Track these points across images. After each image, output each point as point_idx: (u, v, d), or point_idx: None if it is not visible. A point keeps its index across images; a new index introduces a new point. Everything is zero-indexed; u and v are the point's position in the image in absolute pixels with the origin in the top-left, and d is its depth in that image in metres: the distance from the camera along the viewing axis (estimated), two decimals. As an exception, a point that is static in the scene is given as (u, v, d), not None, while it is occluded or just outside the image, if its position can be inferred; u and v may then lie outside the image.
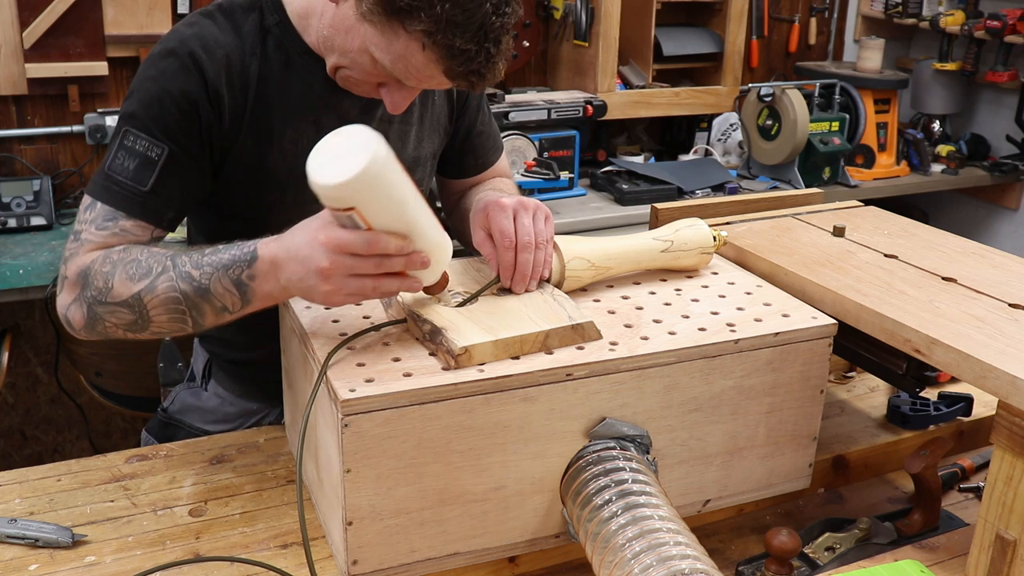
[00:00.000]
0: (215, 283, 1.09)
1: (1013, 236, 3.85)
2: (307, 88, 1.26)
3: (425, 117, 1.41)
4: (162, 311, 1.11)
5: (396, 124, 1.36)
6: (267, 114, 1.25)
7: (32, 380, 2.98)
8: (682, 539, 0.90)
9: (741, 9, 3.42)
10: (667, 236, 1.24)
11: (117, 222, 1.17)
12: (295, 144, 1.26)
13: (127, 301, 1.11)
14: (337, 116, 1.27)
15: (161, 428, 1.53)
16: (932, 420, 1.37)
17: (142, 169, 1.18)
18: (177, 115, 1.18)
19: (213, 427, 1.51)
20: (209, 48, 1.20)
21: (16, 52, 2.64)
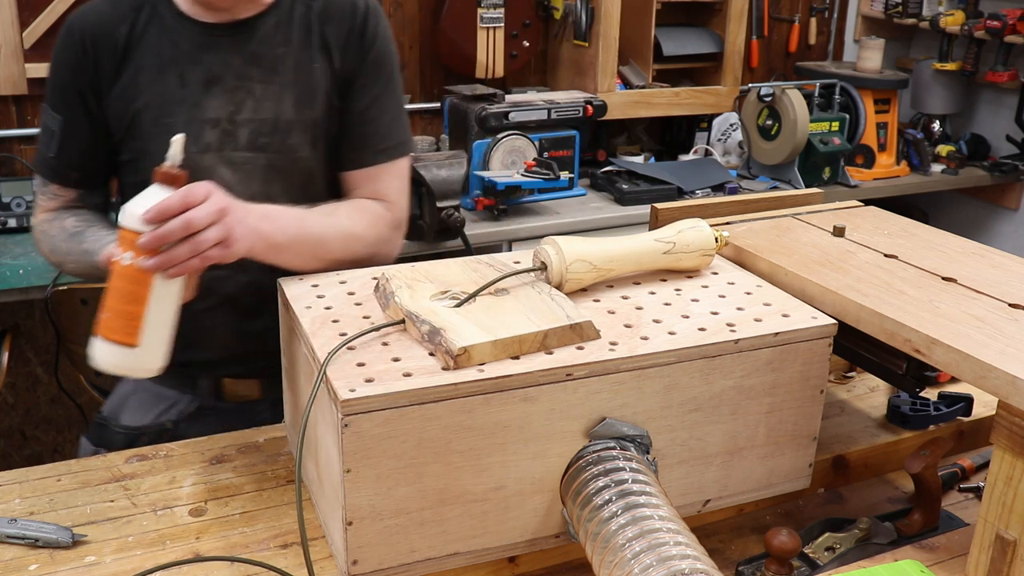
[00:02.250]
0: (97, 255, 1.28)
1: (1013, 236, 3.85)
2: (175, 46, 1.39)
3: (298, 82, 1.41)
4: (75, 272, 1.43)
5: (259, 83, 1.39)
6: (132, 71, 1.39)
7: (32, 380, 2.98)
8: (682, 539, 0.90)
9: (741, 9, 3.42)
10: (669, 237, 1.24)
11: (48, 186, 1.45)
12: (160, 97, 1.38)
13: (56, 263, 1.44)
14: (202, 70, 1.39)
15: (97, 431, 1.55)
16: (932, 420, 1.37)
17: (49, 139, 1.42)
18: (65, 87, 1.40)
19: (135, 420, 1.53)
20: (83, 19, 1.39)
21: (16, 52, 2.64)
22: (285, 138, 1.41)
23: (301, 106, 1.42)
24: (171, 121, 1.37)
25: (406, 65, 3.28)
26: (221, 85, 1.38)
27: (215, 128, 1.38)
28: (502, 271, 1.19)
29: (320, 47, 1.43)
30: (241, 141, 1.39)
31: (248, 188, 1.40)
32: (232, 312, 1.46)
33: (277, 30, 1.42)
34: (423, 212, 2.60)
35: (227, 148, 1.39)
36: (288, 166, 1.43)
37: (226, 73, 1.38)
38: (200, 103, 1.38)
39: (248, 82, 1.39)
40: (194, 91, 1.38)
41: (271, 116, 1.40)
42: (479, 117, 2.87)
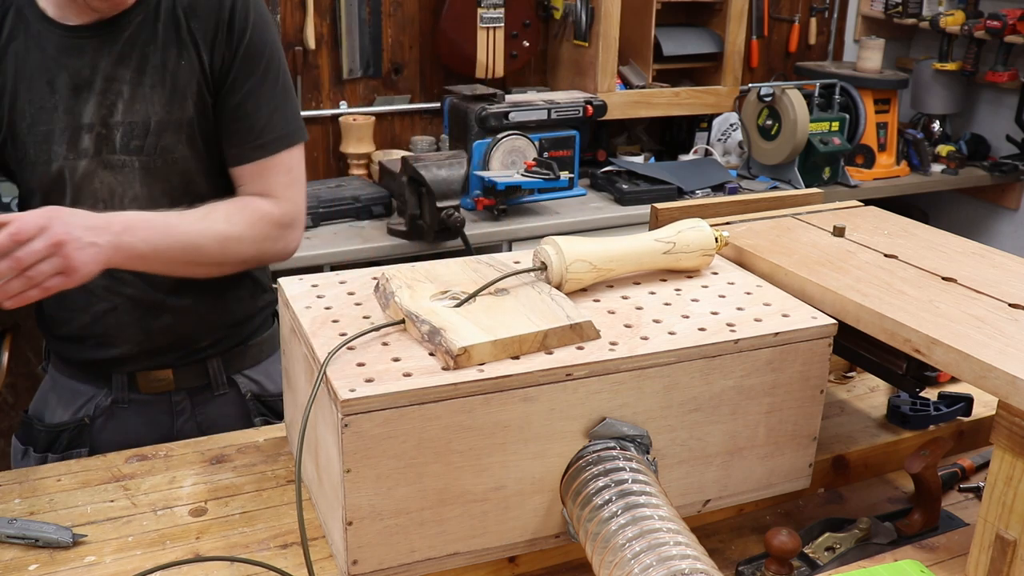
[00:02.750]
0: None
1: (1013, 236, 3.85)
2: (41, 52, 1.36)
3: (166, 80, 1.39)
4: None
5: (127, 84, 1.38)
6: (7, 80, 1.36)
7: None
8: (682, 539, 0.90)
9: (741, 9, 3.42)
10: (669, 237, 1.24)
11: None
12: (31, 105, 1.36)
13: None
14: (70, 75, 1.36)
15: (24, 430, 1.58)
16: (932, 420, 1.37)
17: None
18: None
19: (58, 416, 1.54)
20: None
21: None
22: (158, 139, 1.39)
23: (171, 106, 1.39)
24: (46, 128, 1.36)
25: (406, 65, 3.28)
26: (91, 89, 1.37)
27: (90, 132, 1.37)
28: (502, 271, 1.19)
29: (188, 43, 1.40)
30: (116, 144, 1.38)
31: (130, 190, 1.40)
32: (135, 310, 1.47)
33: (143, 28, 1.38)
34: (423, 212, 2.60)
35: (104, 152, 1.38)
36: (164, 167, 1.41)
37: (94, 76, 1.37)
38: (72, 108, 1.36)
39: (117, 84, 1.37)
40: (65, 96, 1.36)
41: (142, 118, 1.38)
42: (479, 117, 2.87)
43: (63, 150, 1.37)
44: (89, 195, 1.40)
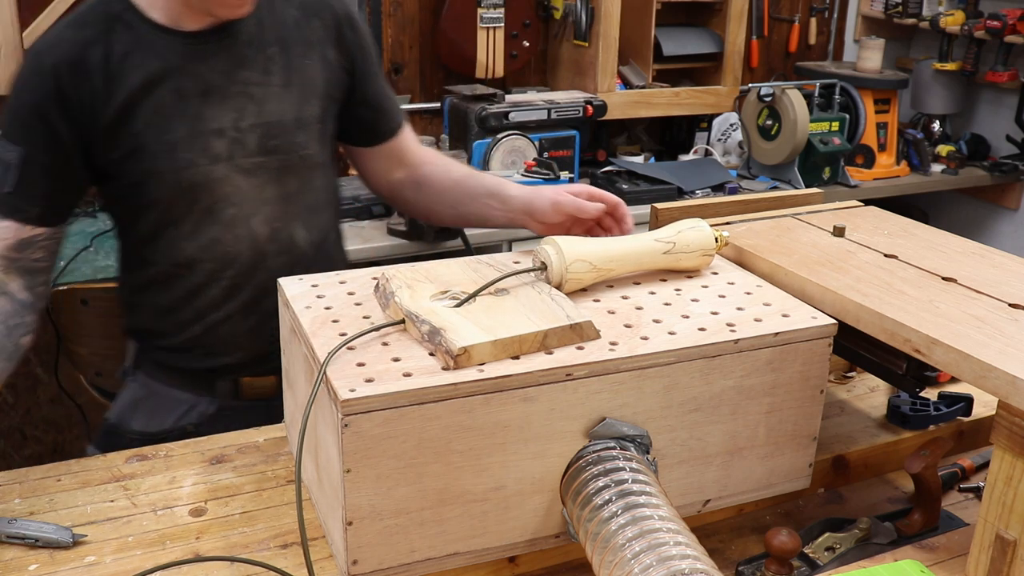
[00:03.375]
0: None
1: (1013, 236, 3.85)
2: (161, 60, 1.33)
3: (294, 79, 1.42)
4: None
5: (256, 86, 1.39)
6: (122, 92, 1.31)
7: (32, 380, 2.98)
8: (682, 539, 0.90)
9: (741, 9, 3.42)
10: (669, 238, 1.24)
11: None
12: (157, 114, 1.33)
13: None
14: (195, 81, 1.35)
15: (105, 438, 1.54)
16: (932, 420, 1.37)
17: (5, 173, 1.30)
18: (29, 118, 1.30)
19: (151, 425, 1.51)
20: (51, 46, 1.31)
21: (16, 52, 2.64)
22: (293, 137, 1.41)
23: (300, 104, 1.42)
24: (173, 137, 1.34)
25: (406, 65, 3.28)
26: (218, 93, 1.36)
27: (222, 138, 1.37)
28: (502, 271, 1.19)
29: (310, 42, 1.43)
30: (250, 147, 1.39)
31: (263, 193, 1.41)
32: (248, 319, 1.47)
33: (262, 30, 1.40)
34: (423, 212, 2.59)
35: (237, 156, 1.38)
36: (298, 164, 1.44)
37: (221, 80, 1.36)
38: (201, 114, 1.35)
39: (246, 86, 1.38)
40: (192, 103, 1.35)
41: (276, 118, 1.40)
42: (479, 117, 2.87)
43: (195, 157, 1.35)
44: (221, 199, 1.39)
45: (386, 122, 1.58)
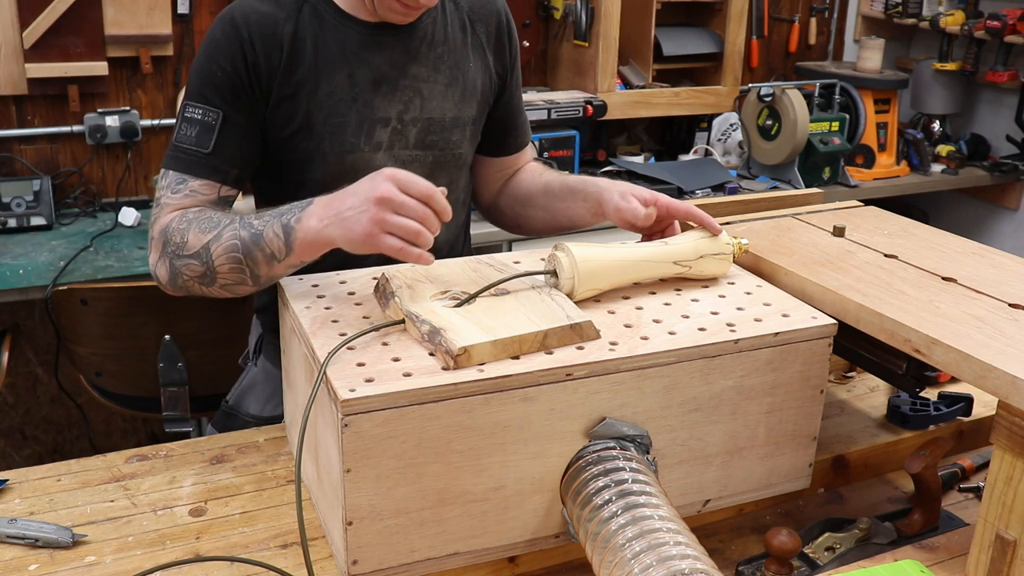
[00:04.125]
0: (268, 228, 1.17)
1: (1013, 236, 3.85)
2: (341, 46, 1.36)
3: (458, 80, 1.46)
4: (224, 260, 1.19)
5: (424, 82, 1.42)
6: (302, 70, 1.34)
7: (32, 380, 2.98)
8: (682, 539, 0.90)
9: (741, 9, 3.42)
10: (687, 260, 1.23)
11: (187, 184, 1.30)
12: (330, 96, 1.35)
13: (198, 252, 1.21)
14: (370, 69, 1.37)
15: (223, 419, 1.59)
16: (932, 420, 1.37)
17: (203, 134, 1.31)
18: (224, 80, 1.31)
19: (266, 410, 1.55)
20: (246, 16, 1.33)
21: (16, 52, 2.64)
22: (449, 135, 1.45)
23: (462, 104, 1.46)
24: (342, 120, 1.36)
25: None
26: (389, 84, 1.39)
27: (386, 127, 1.39)
28: (502, 271, 1.19)
29: (474, 46, 1.48)
30: (410, 140, 1.42)
31: None
32: None
33: (435, 28, 1.44)
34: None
35: (397, 147, 1.41)
36: (450, 162, 1.47)
37: (393, 72, 1.39)
38: (370, 102, 1.38)
39: (415, 81, 1.41)
40: (364, 90, 1.37)
41: (438, 115, 1.43)
42: (479, 117, 2.87)
43: (358, 142, 1.38)
44: None
45: (516, 136, 1.61)
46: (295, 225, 1.14)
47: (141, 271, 2.39)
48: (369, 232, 1.08)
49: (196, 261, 1.21)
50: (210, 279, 1.22)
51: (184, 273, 1.23)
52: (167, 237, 1.25)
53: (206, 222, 1.23)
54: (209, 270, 1.21)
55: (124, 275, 2.37)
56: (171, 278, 1.26)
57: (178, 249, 1.23)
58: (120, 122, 2.80)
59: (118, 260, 2.45)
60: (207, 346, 2.24)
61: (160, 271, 1.28)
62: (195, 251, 1.21)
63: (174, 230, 1.25)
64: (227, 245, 1.19)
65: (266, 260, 1.17)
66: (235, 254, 1.19)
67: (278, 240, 1.15)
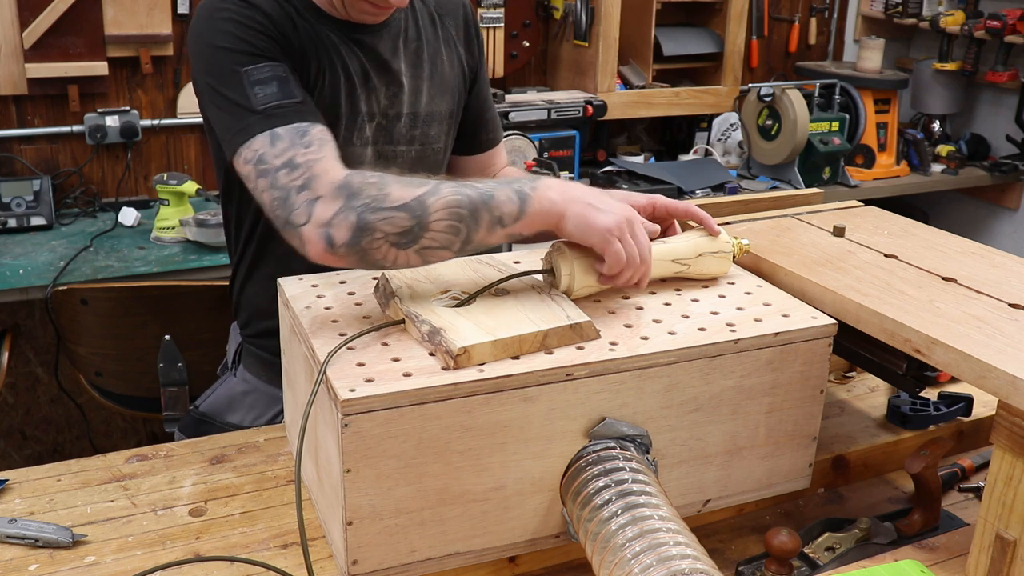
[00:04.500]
0: (499, 191, 1.09)
1: (1013, 236, 3.85)
2: (325, 42, 1.35)
3: (435, 75, 1.46)
4: (443, 215, 1.06)
5: (405, 77, 1.42)
6: (303, 56, 1.31)
7: (32, 380, 2.98)
8: (682, 539, 0.90)
9: (741, 9, 3.42)
10: (686, 259, 1.23)
11: (310, 133, 1.16)
12: (325, 89, 1.34)
13: (408, 204, 1.06)
14: (355, 65, 1.36)
15: (194, 426, 1.56)
16: (932, 420, 1.37)
17: (284, 87, 1.20)
18: (265, 39, 1.24)
19: (247, 420, 1.53)
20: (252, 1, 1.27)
21: (16, 52, 2.64)
22: (429, 129, 1.45)
23: (440, 99, 1.47)
24: (333, 116, 1.36)
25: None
26: (373, 80, 1.39)
27: (371, 122, 1.40)
28: (502, 271, 1.19)
29: (445, 39, 1.49)
30: (394, 135, 1.42)
31: None
32: None
33: (408, 24, 1.44)
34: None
35: (381, 142, 1.41)
36: (431, 156, 1.48)
37: (376, 68, 1.39)
38: (357, 98, 1.38)
39: (396, 76, 1.41)
40: (351, 85, 1.37)
41: (419, 110, 1.44)
42: (479, 117, 2.87)
43: (351, 137, 1.39)
44: None
45: (487, 131, 1.60)
46: (531, 193, 1.08)
47: (141, 271, 2.40)
48: (612, 228, 1.07)
49: (405, 214, 1.06)
50: (414, 237, 1.07)
51: (381, 228, 1.06)
52: (352, 190, 1.08)
53: (406, 179, 1.10)
54: (419, 224, 1.06)
55: (124, 275, 2.37)
56: (355, 235, 1.07)
57: (375, 202, 1.07)
58: (120, 122, 2.80)
59: (118, 260, 2.45)
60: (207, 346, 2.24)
61: (340, 229, 1.07)
62: (403, 203, 1.06)
63: (363, 184, 1.09)
64: (449, 200, 1.07)
65: (490, 223, 1.08)
66: (458, 210, 1.07)
67: (511, 204, 1.08)
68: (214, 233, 2.48)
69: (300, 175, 1.12)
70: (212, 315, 2.22)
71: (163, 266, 2.44)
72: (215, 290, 2.22)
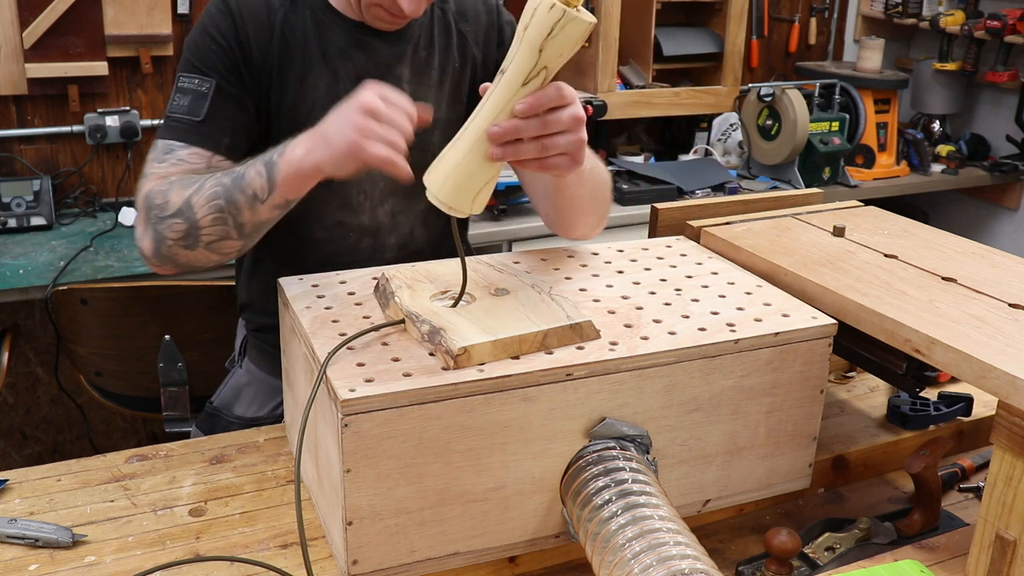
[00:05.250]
0: (250, 169, 1.15)
1: (1013, 236, 3.85)
2: (329, 41, 1.36)
3: (444, 83, 1.46)
4: (206, 211, 1.16)
5: (408, 84, 1.41)
6: (289, 61, 1.35)
7: (32, 380, 2.98)
8: (682, 539, 0.90)
9: (741, 9, 3.42)
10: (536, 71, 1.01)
11: (174, 153, 1.28)
12: (315, 89, 1.35)
13: (180, 209, 1.18)
14: (355, 67, 1.37)
15: (207, 421, 1.59)
16: (932, 420, 1.37)
17: (195, 103, 1.29)
18: (218, 51, 1.31)
19: (250, 411, 1.55)
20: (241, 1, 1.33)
21: (16, 52, 2.65)
22: (430, 136, 1.43)
23: (450, 105, 1.46)
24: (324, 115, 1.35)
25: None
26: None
27: None
28: (502, 271, 1.20)
29: (460, 45, 1.47)
30: None
31: (392, 184, 1.42)
32: None
33: (421, 31, 1.43)
34: (423, 212, 2.59)
35: None
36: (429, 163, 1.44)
37: (378, 72, 1.37)
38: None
39: (399, 82, 1.40)
40: (347, 89, 1.33)
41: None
42: (479, 117, 2.87)
43: None
44: (355, 185, 1.41)
45: None
46: (278, 160, 1.13)
47: (141, 271, 2.40)
48: (353, 141, 1.05)
49: (179, 219, 1.18)
50: (193, 238, 1.18)
51: (167, 237, 1.19)
52: (149, 202, 1.21)
53: (188, 180, 1.20)
54: (192, 227, 1.17)
55: (124, 275, 2.37)
56: (155, 247, 1.22)
57: (160, 211, 1.19)
58: (120, 122, 2.81)
59: (118, 260, 2.45)
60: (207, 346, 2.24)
61: (145, 242, 1.23)
62: (177, 208, 1.18)
63: (156, 193, 1.21)
64: (208, 194, 1.16)
65: (248, 203, 1.14)
66: (216, 201, 1.15)
67: (260, 178, 1.13)
68: (214, 233, 2.48)
69: (139, 186, 1.27)
70: (212, 315, 2.22)
71: (163, 266, 2.43)
72: (215, 290, 2.22)
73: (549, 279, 1.23)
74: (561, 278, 1.25)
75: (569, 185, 1.23)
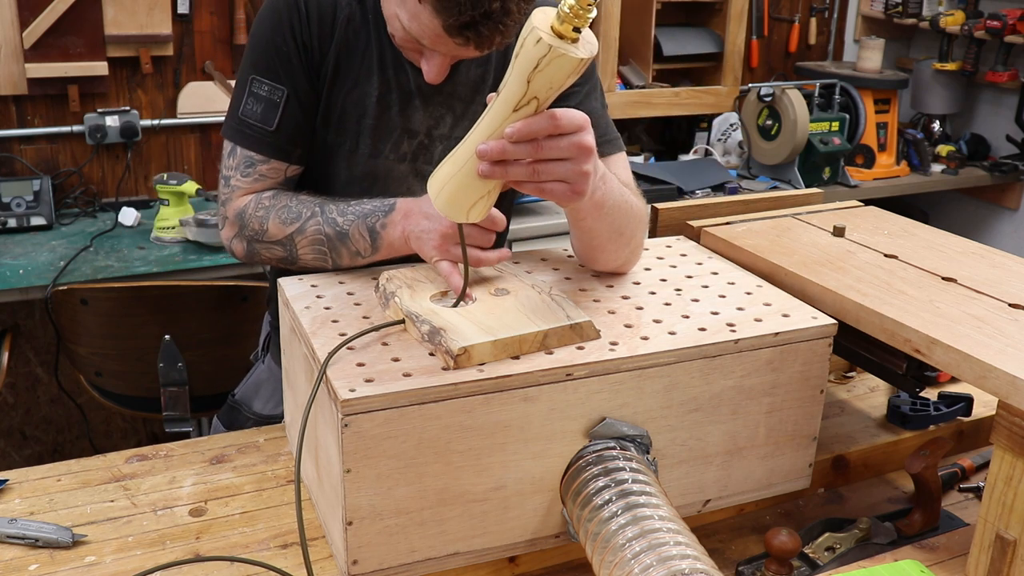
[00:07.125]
0: (354, 229, 1.25)
1: (1013, 236, 3.85)
2: (384, 49, 1.34)
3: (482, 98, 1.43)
4: (308, 250, 1.28)
5: (459, 101, 1.38)
6: (347, 63, 1.34)
7: (32, 380, 2.98)
8: (682, 539, 0.90)
9: (741, 9, 3.42)
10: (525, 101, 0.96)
11: (255, 168, 1.33)
12: (367, 97, 1.34)
13: (281, 241, 1.29)
14: (408, 80, 1.34)
15: (227, 413, 1.61)
16: (932, 420, 1.37)
17: (268, 111, 1.32)
18: (288, 55, 1.31)
19: (267, 408, 1.56)
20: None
21: (16, 52, 2.65)
22: None
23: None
24: (373, 124, 1.34)
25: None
26: (423, 98, 1.35)
27: (413, 139, 1.37)
28: (502, 271, 1.19)
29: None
30: (434, 156, 1.38)
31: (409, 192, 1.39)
32: None
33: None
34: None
35: (420, 160, 1.38)
36: None
37: (429, 88, 1.34)
38: (404, 112, 1.35)
39: (449, 99, 1.37)
40: (398, 99, 1.35)
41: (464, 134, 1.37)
42: (479, 117, 2.87)
43: (384, 149, 1.37)
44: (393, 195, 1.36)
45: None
46: (381, 232, 1.24)
47: (141, 271, 2.40)
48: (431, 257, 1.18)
49: (279, 248, 1.30)
50: (291, 262, 1.31)
51: (264, 255, 1.33)
52: (244, 221, 1.32)
53: (284, 211, 1.29)
54: (291, 256, 1.30)
55: (124, 275, 2.37)
56: (248, 255, 1.35)
57: (257, 235, 1.31)
58: (120, 122, 2.81)
59: (118, 260, 2.45)
60: (207, 346, 2.24)
61: (236, 248, 1.35)
62: (278, 240, 1.29)
63: (251, 216, 1.31)
64: (312, 239, 1.27)
65: (351, 255, 1.26)
66: (320, 247, 1.27)
67: (364, 241, 1.25)
68: (214, 233, 2.48)
69: (225, 194, 1.35)
70: (212, 315, 2.22)
71: (163, 266, 2.44)
72: (215, 290, 2.22)
73: (549, 279, 1.23)
74: (561, 278, 1.25)
75: (584, 217, 1.17)
